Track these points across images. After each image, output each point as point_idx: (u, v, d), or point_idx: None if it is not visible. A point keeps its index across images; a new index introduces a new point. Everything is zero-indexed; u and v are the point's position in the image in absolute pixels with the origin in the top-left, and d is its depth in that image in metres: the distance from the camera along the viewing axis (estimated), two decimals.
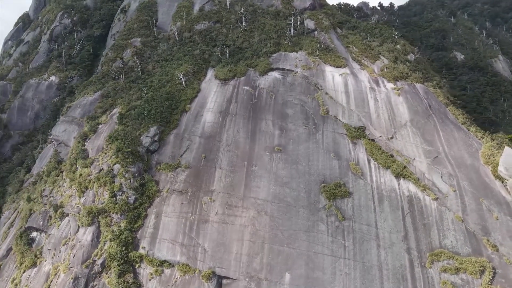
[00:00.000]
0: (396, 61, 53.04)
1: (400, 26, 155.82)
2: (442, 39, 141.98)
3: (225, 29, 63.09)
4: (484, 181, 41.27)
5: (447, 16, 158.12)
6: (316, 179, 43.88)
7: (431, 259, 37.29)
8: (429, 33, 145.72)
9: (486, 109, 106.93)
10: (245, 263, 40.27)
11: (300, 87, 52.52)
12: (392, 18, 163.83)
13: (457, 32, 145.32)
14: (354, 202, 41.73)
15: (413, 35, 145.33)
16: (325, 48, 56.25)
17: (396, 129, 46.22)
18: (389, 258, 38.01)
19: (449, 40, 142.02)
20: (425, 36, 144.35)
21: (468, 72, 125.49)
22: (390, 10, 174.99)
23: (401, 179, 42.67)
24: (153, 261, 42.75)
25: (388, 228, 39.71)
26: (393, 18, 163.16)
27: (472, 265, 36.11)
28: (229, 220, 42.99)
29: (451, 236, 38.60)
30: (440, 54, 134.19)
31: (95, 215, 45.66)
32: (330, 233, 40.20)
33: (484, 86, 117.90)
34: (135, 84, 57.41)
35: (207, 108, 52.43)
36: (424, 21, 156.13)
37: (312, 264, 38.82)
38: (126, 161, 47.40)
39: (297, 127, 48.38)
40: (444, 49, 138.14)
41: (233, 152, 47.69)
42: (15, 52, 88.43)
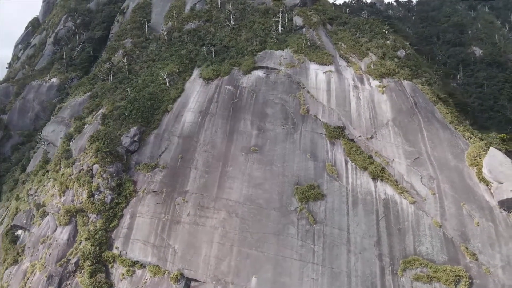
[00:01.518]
0: (384, 58, 50.63)
1: (417, 21, 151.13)
2: (460, 34, 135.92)
3: (213, 28, 62.54)
4: (467, 184, 38.55)
5: (467, 10, 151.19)
6: (290, 180, 42.46)
7: (404, 267, 35.17)
8: (447, 28, 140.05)
9: (504, 107, 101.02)
10: (213, 265, 39.49)
11: (282, 85, 51.15)
12: (408, 13, 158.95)
13: (476, 27, 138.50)
14: (327, 205, 40.02)
15: (430, 30, 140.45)
16: (311, 45, 54.54)
17: (377, 129, 44.05)
18: (359, 264, 36.15)
19: (467, 35, 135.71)
20: (442, 31, 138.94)
21: (486, 68, 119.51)
22: (407, 5, 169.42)
23: (378, 181, 40.57)
24: (126, 262, 42.74)
25: (361, 232, 37.80)
26: (409, 14, 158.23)
27: (446, 274, 33.76)
28: (200, 221, 42.33)
29: (427, 242, 36.28)
30: (457, 50, 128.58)
31: (73, 215, 46.18)
32: (300, 237, 38.72)
33: (502, 83, 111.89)
34: (122, 85, 57.83)
35: (188, 108, 52.00)
36: (442, 16, 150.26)
37: (279, 269, 37.52)
38: (104, 161, 47.68)
39: (275, 127, 47.08)
40: (462, 45, 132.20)
41: (209, 152, 46.98)
42: (23, 55, 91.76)
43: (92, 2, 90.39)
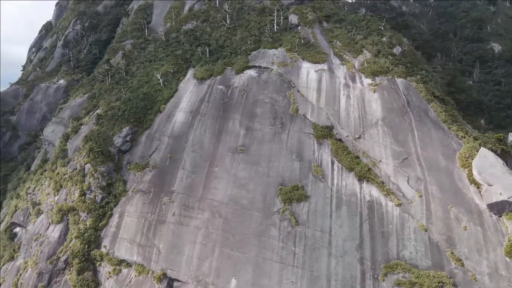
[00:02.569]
0: (378, 55, 49.03)
1: (434, 17, 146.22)
2: (478, 30, 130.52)
3: (209, 28, 62.47)
4: (457, 186, 36.75)
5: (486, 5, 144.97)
6: (274, 181, 41.78)
7: (385, 271, 33.89)
8: (465, 23, 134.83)
9: None
10: (195, 266, 39.37)
11: (273, 85, 50.46)
12: (425, 9, 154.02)
13: (495, 22, 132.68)
14: (311, 206, 39.11)
15: (447, 26, 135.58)
16: (305, 43, 53.54)
17: (365, 128, 42.68)
18: (340, 268, 35.10)
19: (486, 30, 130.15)
20: (460, 27, 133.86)
21: (505, 65, 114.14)
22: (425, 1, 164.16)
23: (364, 182, 39.31)
24: (112, 260, 43.28)
25: (343, 235, 36.71)
26: (426, 10, 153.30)
27: (429, 279, 32.31)
28: (185, 221, 42.30)
29: (411, 246, 34.83)
30: (474, 46, 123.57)
31: (65, 213, 47.17)
32: (281, 239, 38.01)
33: None
34: (118, 86, 58.68)
35: (179, 108, 52.15)
36: (460, 11, 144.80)
37: (259, 271, 36.95)
38: (96, 161, 48.47)
39: (263, 127, 46.48)
40: (480, 41, 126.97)
41: (197, 152, 46.91)
42: (35, 58, 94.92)
43: (100, 5, 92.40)
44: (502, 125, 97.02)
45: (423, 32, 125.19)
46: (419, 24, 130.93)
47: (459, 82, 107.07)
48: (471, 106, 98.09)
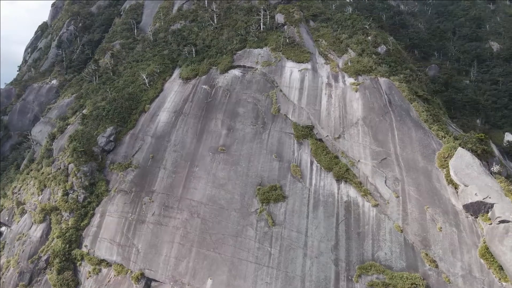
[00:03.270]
0: (362, 54, 48.58)
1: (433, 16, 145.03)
2: (477, 28, 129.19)
3: (196, 27, 62.39)
4: (434, 187, 36.28)
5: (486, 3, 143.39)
6: (253, 181, 41.57)
7: (360, 273, 33.56)
8: (464, 22, 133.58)
9: None
10: (172, 266, 39.29)
11: (257, 84, 50.24)
12: (424, 8, 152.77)
13: (495, 20, 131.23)
14: (288, 206, 38.84)
15: (446, 25, 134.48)
16: (290, 43, 53.22)
17: (345, 128, 42.31)
18: (314, 269, 34.80)
19: (485, 29, 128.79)
20: (459, 25, 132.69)
21: (503, 64, 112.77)
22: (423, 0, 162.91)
23: (342, 182, 38.98)
24: (93, 260, 43.32)
25: (319, 236, 36.40)
26: (426, 8, 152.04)
27: (402, 281, 31.93)
28: (164, 221, 42.23)
29: (386, 247, 34.45)
30: (473, 45, 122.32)
31: (47, 213, 47.32)
32: (257, 239, 37.79)
33: None
34: (105, 86, 58.79)
35: (163, 108, 52.10)
36: (460, 10, 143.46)
37: (235, 271, 36.77)
38: (79, 161, 48.55)
39: (245, 127, 46.27)
40: (479, 39, 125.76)
41: (179, 152, 46.83)
42: (30, 59, 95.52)
43: (94, 6, 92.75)
44: (498, 125, 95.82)
45: (420, 31, 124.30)
46: (416, 23, 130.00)
47: (456, 81, 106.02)
48: (467, 105, 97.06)
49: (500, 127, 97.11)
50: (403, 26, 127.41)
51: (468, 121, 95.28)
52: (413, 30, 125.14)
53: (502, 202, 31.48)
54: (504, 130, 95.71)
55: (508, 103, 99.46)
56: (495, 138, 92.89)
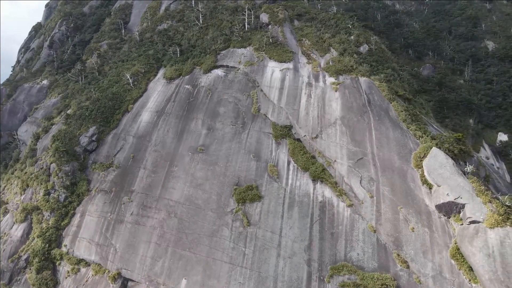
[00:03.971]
0: (344, 54, 48.37)
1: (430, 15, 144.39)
2: (473, 28, 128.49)
3: (182, 27, 62.40)
4: (409, 187, 36.03)
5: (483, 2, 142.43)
6: (230, 181, 41.50)
7: (332, 273, 33.41)
8: (460, 21, 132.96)
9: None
10: (148, 266, 39.28)
11: (238, 84, 50.17)
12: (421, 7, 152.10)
13: (491, 19, 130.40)
14: (263, 206, 38.74)
15: (442, 24, 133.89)
16: (273, 42, 53.10)
17: (323, 128, 42.13)
18: (287, 269, 34.68)
19: (481, 28, 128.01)
20: (455, 25, 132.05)
21: (498, 63, 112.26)
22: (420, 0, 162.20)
23: (318, 183, 38.83)
24: (72, 259, 43.42)
25: (293, 236, 36.27)
26: (422, 8, 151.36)
27: (373, 281, 31.77)
28: (142, 221, 42.25)
29: (359, 248, 34.27)
30: (468, 45, 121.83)
31: (29, 212, 47.48)
32: (232, 239, 37.72)
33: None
34: (90, 86, 58.91)
35: (146, 107, 52.15)
36: (457, 9, 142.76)
37: (209, 271, 36.72)
38: (61, 160, 48.68)
39: (224, 126, 46.21)
40: (475, 39, 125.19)
41: (159, 152, 46.84)
42: (22, 59, 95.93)
43: (86, 6, 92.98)
44: (492, 124, 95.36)
45: (415, 31, 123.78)
46: (411, 22, 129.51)
47: (450, 81, 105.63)
48: (460, 105, 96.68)
49: (494, 127, 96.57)
50: (397, 26, 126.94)
51: (461, 121, 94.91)
52: (407, 30, 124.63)
53: (473, 203, 31.20)
54: (498, 130, 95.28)
55: (502, 102, 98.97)
56: (488, 138, 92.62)
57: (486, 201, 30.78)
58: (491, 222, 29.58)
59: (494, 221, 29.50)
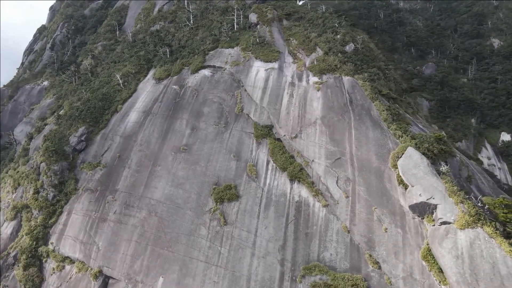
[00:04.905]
0: (329, 53, 48.06)
1: (436, 13, 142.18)
2: (478, 25, 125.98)
3: (173, 28, 62.94)
4: (385, 187, 35.63)
5: None
6: (210, 180, 41.74)
7: (304, 273, 33.29)
8: (466, 19, 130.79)
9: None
10: (128, 264, 39.81)
11: (224, 84, 50.37)
12: (427, 5, 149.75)
13: (497, 16, 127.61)
14: (241, 206, 38.85)
15: (448, 22, 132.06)
16: (260, 42, 53.13)
17: (303, 127, 41.97)
18: (260, 269, 34.72)
19: (487, 25, 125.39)
20: (460, 22, 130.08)
21: (503, 61, 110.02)
22: None
23: (295, 182, 38.73)
24: (57, 257, 44.29)
25: (268, 236, 36.28)
26: (428, 6, 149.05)
27: (344, 282, 31.58)
28: (124, 220, 42.82)
29: (332, 248, 34.07)
30: (473, 42, 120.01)
31: (19, 210, 48.64)
32: (209, 238, 37.95)
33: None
34: (83, 87, 59.97)
35: (134, 108, 52.81)
36: (463, 6, 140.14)
37: (185, 270, 37.04)
38: (50, 160, 49.72)
39: (208, 126, 46.48)
40: (480, 36, 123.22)
41: (144, 152, 47.38)
42: (26, 61, 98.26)
43: (87, 9, 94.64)
44: (495, 124, 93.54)
45: (418, 29, 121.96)
46: (415, 21, 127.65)
47: (453, 79, 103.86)
48: (462, 104, 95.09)
49: (497, 126, 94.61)
50: (400, 24, 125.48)
51: (462, 120, 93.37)
52: (411, 28, 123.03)
53: (445, 203, 30.70)
54: (501, 129, 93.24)
55: (506, 101, 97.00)
56: (491, 138, 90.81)
57: (458, 201, 30.25)
58: (462, 223, 29.07)
59: (464, 222, 28.99)
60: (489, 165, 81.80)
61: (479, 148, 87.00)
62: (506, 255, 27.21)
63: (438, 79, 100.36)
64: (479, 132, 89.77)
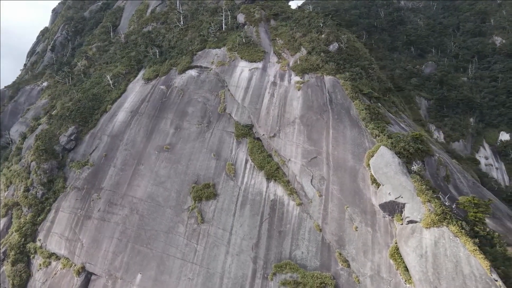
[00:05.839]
0: (312, 52, 48.23)
1: (439, 11, 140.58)
2: (481, 23, 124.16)
3: (163, 29, 63.81)
4: (358, 186, 35.72)
5: None
6: (190, 179, 42.38)
7: (275, 271, 33.67)
8: (468, 17, 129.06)
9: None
10: (109, 260, 40.72)
11: (209, 84, 50.97)
12: (430, 3, 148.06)
13: (500, 14, 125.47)
14: (218, 204, 39.39)
15: (450, 20, 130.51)
16: (246, 42, 53.57)
17: (281, 127, 42.27)
18: (234, 266, 35.21)
19: (489, 23, 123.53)
20: (463, 20, 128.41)
21: (504, 60, 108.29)
22: None
23: (271, 181, 39.07)
24: (44, 253, 45.49)
25: (242, 234, 36.73)
26: (431, 4, 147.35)
27: (313, 280, 31.86)
28: (107, 217, 43.77)
29: (304, 246, 34.35)
30: (475, 41, 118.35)
31: (10, 208, 50.04)
32: (186, 236, 38.61)
33: None
34: (75, 87, 61.27)
35: (123, 108, 53.78)
36: (466, 4, 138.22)
37: (162, 267, 37.76)
38: (40, 159, 51.02)
39: (191, 126, 47.13)
40: (483, 34, 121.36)
41: (129, 151, 48.28)
42: (28, 62, 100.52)
43: (87, 11, 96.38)
44: (494, 123, 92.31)
45: (419, 27, 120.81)
46: (416, 19, 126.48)
47: (452, 78, 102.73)
48: (461, 103, 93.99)
49: (496, 126, 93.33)
50: (401, 23, 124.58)
51: (460, 120, 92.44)
52: (411, 27, 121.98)
53: (413, 202, 30.71)
54: (500, 129, 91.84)
55: (506, 100, 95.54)
56: (489, 138, 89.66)
57: (426, 200, 30.22)
58: (428, 222, 29.05)
59: (430, 221, 28.97)
60: (486, 165, 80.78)
61: (477, 148, 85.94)
62: (470, 254, 27.15)
63: (437, 78, 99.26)
64: (477, 132, 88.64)
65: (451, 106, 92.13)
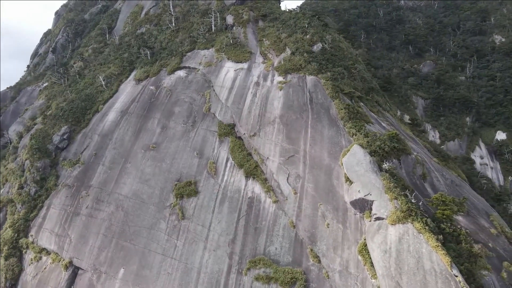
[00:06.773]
0: (295, 53, 49.01)
1: (440, 10, 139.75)
2: (481, 22, 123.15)
3: (156, 31, 65.20)
4: (332, 184, 36.46)
5: None
6: (173, 177, 43.58)
7: (249, 266, 34.66)
8: (469, 15, 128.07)
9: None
10: (95, 255, 42.17)
11: (196, 84, 52.13)
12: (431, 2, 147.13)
13: (501, 12, 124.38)
14: (198, 201, 40.52)
15: (451, 19, 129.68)
16: (234, 43, 54.58)
17: (262, 126, 43.17)
18: (210, 262, 36.29)
19: (490, 22, 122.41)
20: (464, 19, 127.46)
21: (503, 59, 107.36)
22: None
23: (250, 179, 40.03)
24: (35, 248, 47.19)
25: (220, 230, 37.78)
26: (432, 2, 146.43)
27: (284, 275, 32.80)
28: (94, 214, 45.24)
29: (277, 242, 35.26)
30: (475, 39, 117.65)
31: (4, 204, 51.90)
32: (167, 232, 39.83)
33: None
34: (70, 88, 63.02)
35: (114, 108, 55.24)
36: (467, 3, 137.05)
37: (144, 262, 39.04)
38: (33, 157, 52.79)
39: (177, 125, 48.34)
40: (483, 33, 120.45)
41: (117, 149, 49.69)
42: (31, 64, 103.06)
43: (87, 13, 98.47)
44: (490, 123, 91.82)
45: (418, 27, 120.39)
46: (415, 19, 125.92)
47: (450, 77, 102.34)
48: (457, 103, 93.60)
49: (493, 125, 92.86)
50: (399, 22, 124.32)
51: (456, 119, 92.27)
52: (410, 26, 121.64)
53: (380, 200, 31.37)
54: (496, 128, 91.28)
55: (503, 99, 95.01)
56: (486, 137, 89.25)
57: (393, 198, 30.87)
58: (393, 218, 29.71)
59: (396, 218, 29.63)
60: (481, 164, 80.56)
61: (472, 147, 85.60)
62: (432, 250, 27.76)
63: (434, 77, 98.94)
64: (473, 131, 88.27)
65: (448, 105, 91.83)
